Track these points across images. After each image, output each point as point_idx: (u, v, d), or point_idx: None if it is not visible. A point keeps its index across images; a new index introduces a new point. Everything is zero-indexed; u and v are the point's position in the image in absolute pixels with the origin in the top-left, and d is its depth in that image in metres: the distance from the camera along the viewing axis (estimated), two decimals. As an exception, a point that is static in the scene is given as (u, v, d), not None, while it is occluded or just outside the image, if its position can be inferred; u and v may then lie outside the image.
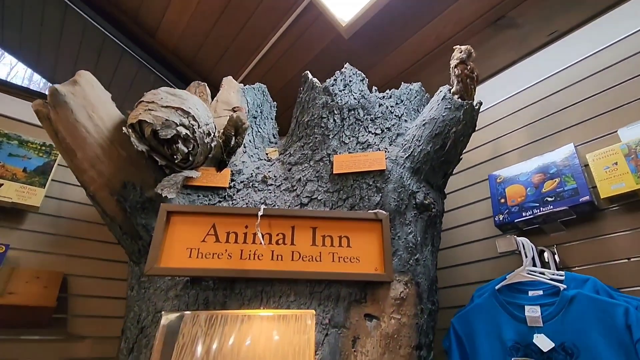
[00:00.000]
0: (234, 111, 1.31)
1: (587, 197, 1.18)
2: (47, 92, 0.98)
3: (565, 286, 1.01)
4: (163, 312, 0.97)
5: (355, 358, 0.93)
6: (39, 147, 1.55)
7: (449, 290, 1.52)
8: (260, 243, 1.02)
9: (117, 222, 1.06)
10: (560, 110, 1.47)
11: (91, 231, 1.64)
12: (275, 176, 1.28)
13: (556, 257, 1.23)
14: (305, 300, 1.00)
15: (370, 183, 1.18)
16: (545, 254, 1.25)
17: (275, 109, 1.69)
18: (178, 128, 1.04)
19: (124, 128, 1.00)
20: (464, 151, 1.29)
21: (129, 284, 1.13)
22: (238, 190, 1.24)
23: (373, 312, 1.01)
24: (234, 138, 1.27)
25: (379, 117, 1.33)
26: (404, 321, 1.01)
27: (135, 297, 1.06)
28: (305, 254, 1.04)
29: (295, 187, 1.22)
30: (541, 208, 1.27)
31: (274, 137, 1.59)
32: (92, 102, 1.03)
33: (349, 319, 0.98)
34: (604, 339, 0.90)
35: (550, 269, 1.17)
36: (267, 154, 1.42)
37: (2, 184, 1.40)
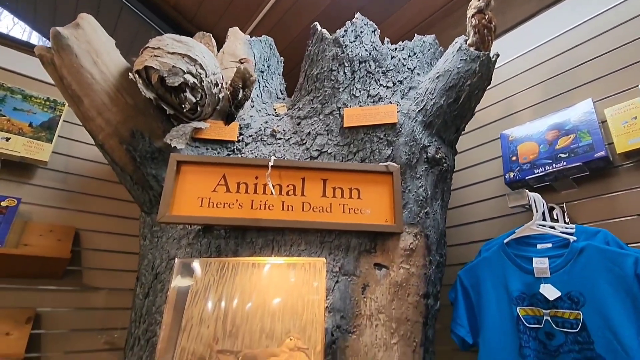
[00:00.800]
0: (241, 63, 1.26)
1: (603, 153, 1.16)
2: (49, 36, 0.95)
3: (575, 238, 1.01)
4: (177, 259, 0.99)
5: (365, 304, 0.95)
6: (43, 102, 1.53)
7: (456, 247, 1.53)
8: (271, 193, 1.02)
9: (127, 171, 1.05)
10: (579, 65, 1.42)
11: (101, 188, 1.65)
12: (284, 130, 1.26)
13: (565, 215, 1.23)
14: (316, 250, 1.01)
15: (381, 136, 1.16)
16: (555, 211, 1.25)
17: (283, 64, 1.64)
18: (185, 76, 1.01)
19: (130, 74, 0.97)
20: (475, 109, 1.26)
21: (141, 234, 1.14)
22: (247, 144, 1.22)
23: (382, 261, 1.02)
24: (241, 90, 1.24)
25: (391, 69, 1.28)
26: (413, 271, 1.03)
27: (149, 245, 1.08)
28: (315, 205, 1.04)
29: (304, 141, 1.20)
30: (554, 165, 1.26)
31: (282, 94, 1.55)
32: (96, 47, 1.00)
33: (358, 267, 1.00)
34: (612, 288, 0.91)
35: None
36: (275, 109, 1.39)
37: (10, 138, 1.39)
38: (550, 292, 0.99)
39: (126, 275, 1.61)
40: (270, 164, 1.04)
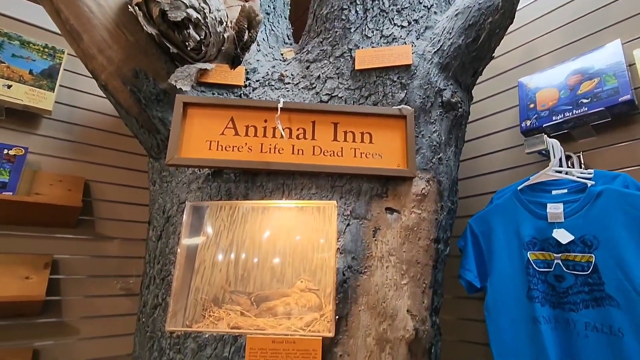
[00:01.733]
0: (246, 1, 1.19)
1: (628, 96, 1.10)
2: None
3: (593, 182, 0.98)
4: (187, 202, 0.99)
5: (375, 246, 0.96)
6: (41, 49, 1.47)
7: (468, 199, 1.51)
8: (281, 136, 1.00)
9: (132, 114, 1.03)
10: (607, 4, 1.31)
11: (107, 140, 1.64)
12: (292, 74, 1.20)
13: (582, 163, 1.20)
14: (327, 194, 1.00)
15: (395, 79, 1.10)
16: (572, 160, 1.21)
17: (289, 7, 1.55)
18: (188, 10, 0.95)
19: (130, 7, 0.92)
20: (495, 51, 1.18)
21: (150, 180, 1.14)
22: (254, 89, 1.18)
23: (394, 206, 1.01)
24: (247, 31, 1.17)
25: (406, 7, 1.20)
26: (424, 216, 1.02)
27: (158, 190, 1.07)
28: (326, 149, 1.02)
29: (314, 85, 1.15)
30: (574, 111, 1.20)
31: (289, 39, 1.48)
32: (92, -22, 0.93)
33: (370, 211, 0.99)
34: (628, 231, 0.90)
35: (575, 171, 1.14)
36: (282, 54, 1.33)
37: (11, 85, 1.36)
38: (563, 236, 0.98)
39: (138, 226, 1.63)
40: (280, 105, 1.00)
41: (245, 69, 1.19)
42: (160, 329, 0.90)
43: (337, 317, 0.87)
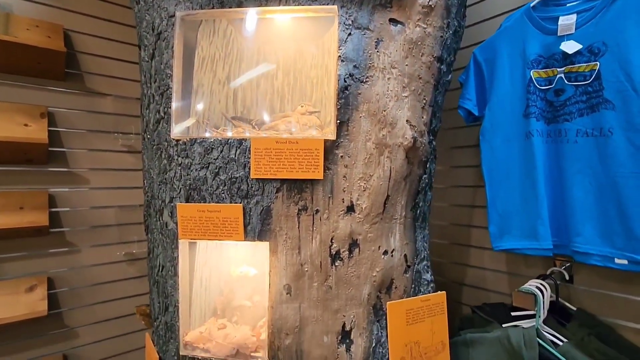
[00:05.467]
0: None
1: None
2: None
3: (613, -16, 0.92)
4: (177, 13, 0.92)
5: (378, 57, 0.93)
6: None
7: (475, 26, 1.41)
8: None
9: None
10: None
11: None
12: None
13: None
14: (327, 2, 0.93)
15: None
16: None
17: None
18: None
19: None
20: None
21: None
22: None
23: (398, 17, 0.95)
24: None
25: None
26: (429, 31, 0.97)
27: (144, 7, 0.99)
28: (326, -50, 0.91)
29: None
30: None
31: None
32: None
33: (373, 21, 0.94)
34: None
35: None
36: None
37: None
38: (570, 46, 0.95)
39: (129, 84, 1.58)
40: None
41: None
42: (166, 139, 0.92)
43: (338, 121, 0.88)
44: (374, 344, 0.90)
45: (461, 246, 1.43)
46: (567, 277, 1.14)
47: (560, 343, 0.98)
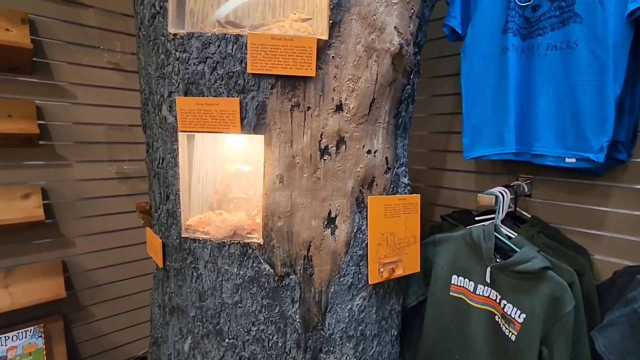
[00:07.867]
0: None
1: None
2: None
3: None
4: None
5: (370, -39, 0.95)
6: None
7: None
8: None
9: None
10: None
11: None
12: None
13: None
14: None
15: None
16: None
17: None
18: None
19: None
20: None
21: None
22: None
23: None
24: None
25: None
26: (421, -61, 1.00)
27: None
28: None
29: None
30: None
31: None
32: None
33: None
34: None
35: None
36: None
37: None
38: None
39: (112, -3, 1.53)
40: None
41: None
42: (163, 33, 0.94)
43: (331, 22, 0.93)
44: (355, 230, 1.02)
45: (437, 170, 1.56)
46: (526, 190, 1.29)
47: (514, 237, 1.14)
